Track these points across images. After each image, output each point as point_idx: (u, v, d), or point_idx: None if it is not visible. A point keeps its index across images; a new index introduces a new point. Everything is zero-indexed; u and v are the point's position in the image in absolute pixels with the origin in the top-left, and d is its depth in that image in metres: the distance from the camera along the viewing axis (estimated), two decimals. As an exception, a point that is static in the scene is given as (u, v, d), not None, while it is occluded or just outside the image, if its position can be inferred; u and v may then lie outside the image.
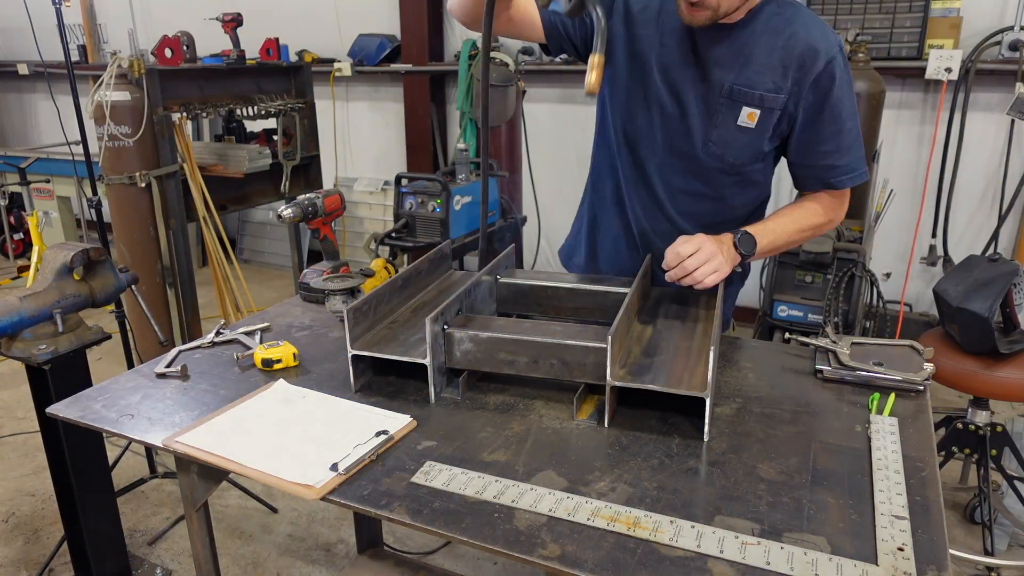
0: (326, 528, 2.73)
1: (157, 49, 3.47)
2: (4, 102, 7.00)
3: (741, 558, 0.94)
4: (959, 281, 2.31)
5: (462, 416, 1.32)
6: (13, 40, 6.37)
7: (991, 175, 3.72)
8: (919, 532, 0.98)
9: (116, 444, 2.96)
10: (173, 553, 2.61)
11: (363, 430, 1.24)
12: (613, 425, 1.27)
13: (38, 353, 1.94)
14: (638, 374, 1.27)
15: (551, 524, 1.02)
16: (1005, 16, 3.49)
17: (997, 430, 2.40)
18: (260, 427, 1.28)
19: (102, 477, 2.21)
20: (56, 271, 1.99)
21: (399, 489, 1.10)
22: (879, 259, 3.87)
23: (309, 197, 1.92)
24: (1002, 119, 3.58)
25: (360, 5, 5.07)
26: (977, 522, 2.55)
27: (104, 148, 3.33)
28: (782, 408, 1.32)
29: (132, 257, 3.47)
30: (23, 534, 2.71)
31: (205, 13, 4.20)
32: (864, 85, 3.28)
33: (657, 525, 1.00)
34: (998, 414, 2.85)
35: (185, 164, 3.58)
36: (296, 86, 4.22)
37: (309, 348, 1.62)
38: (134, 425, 1.31)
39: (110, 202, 3.42)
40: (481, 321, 1.46)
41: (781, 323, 2.88)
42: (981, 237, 3.79)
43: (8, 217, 5.74)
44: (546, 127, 4.64)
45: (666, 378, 1.25)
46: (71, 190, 4.74)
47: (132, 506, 2.85)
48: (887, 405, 1.31)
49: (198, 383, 1.47)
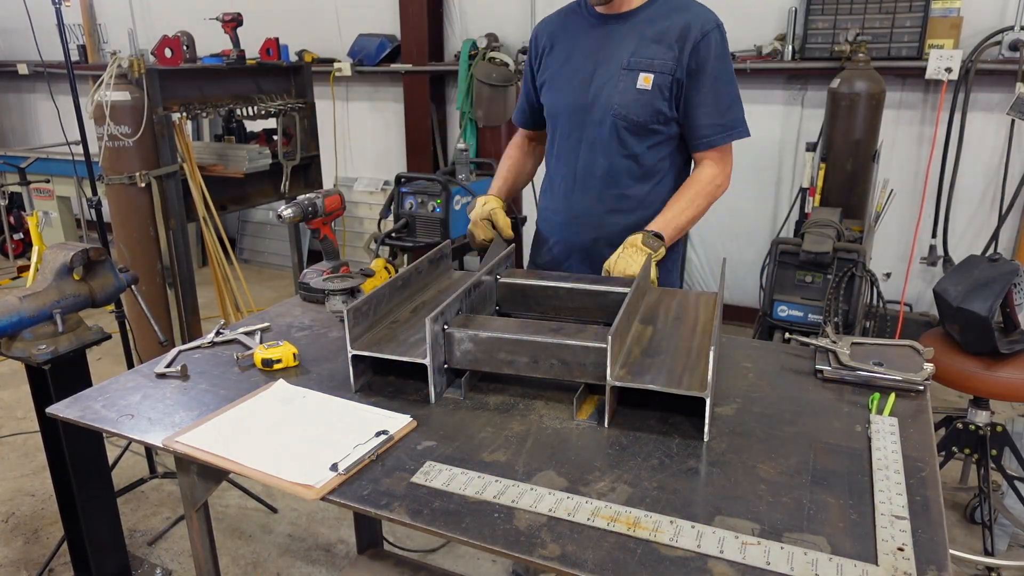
0: (326, 528, 2.73)
1: (157, 49, 3.47)
2: (4, 102, 7.00)
3: (741, 558, 0.94)
4: (959, 281, 2.31)
5: (462, 416, 1.32)
6: (13, 40, 6.37)
7: (991, 175, 3.72)
8: (919, 532, 0.98)
9: (116, 444, 2.96)
10: (173, 553, 2.61)
11: (363, 430, 1.24)
12: (613, 425, 1.27)
13: (38, 353, 1.94)
14: (638, 374, 1.27)
15: (551, 524, 1.02)
16: (1005, 16, 3.50)
17: (997, 430, 2.40)
18: (260, 427, 1.28)
19: (102, 477, 2.21)
20: (56, 271, 1.99)
21: (399, 489, 1.10)
22: (879, 259, 3.88)
23: (309, 197, 1.92)
24: (1002, 119, 3.58)
25: (360, 5, 5.07)
26: (977, 522, 2.55)
27: (104, 148, 3.33)
28: (782, 408, 1.32)
29: (132, 257, 3.47)
30: (23, 534, 2.71)
31: (205, 13, 4.20)
32: (864, 85, 3.29)
33: (657, 525, 1.00)
34: (998, 414, 2.85)
35: (185, 164, 3.58)
36: (296, 86, 4.22)
37: (309, 348, 1.62)
38: (134, 425, 1.31)
39: (110, 202, 3.42)
40: (481, 321, 1.46)
41: (781, 323, 2.88)
42: (981, 237, 3.79)
43: (8, 217, 5.74)
44: (546, 127, 4.63)
45: (666, 378, 1.25)
46: (71, 190, 4.74)
47: (132, 506, 2.85)
48: (887, 405, 1.31)
49: (198, 383, 1.47)
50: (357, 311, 1.39)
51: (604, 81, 1.86)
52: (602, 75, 1.87)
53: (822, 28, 3.76)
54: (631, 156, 1.88)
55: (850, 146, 3.35)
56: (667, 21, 1.81)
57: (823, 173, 3.42)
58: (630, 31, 1.84)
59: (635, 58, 1.82)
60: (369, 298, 1.45)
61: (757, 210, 4.29)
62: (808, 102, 4.01)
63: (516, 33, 4.66)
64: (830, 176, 3.41)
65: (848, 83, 3.31)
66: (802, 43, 3.82)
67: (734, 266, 4.22)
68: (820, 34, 3.77)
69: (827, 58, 3.74)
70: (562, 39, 1.96)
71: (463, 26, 4.88)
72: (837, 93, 3.34)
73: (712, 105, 1.82)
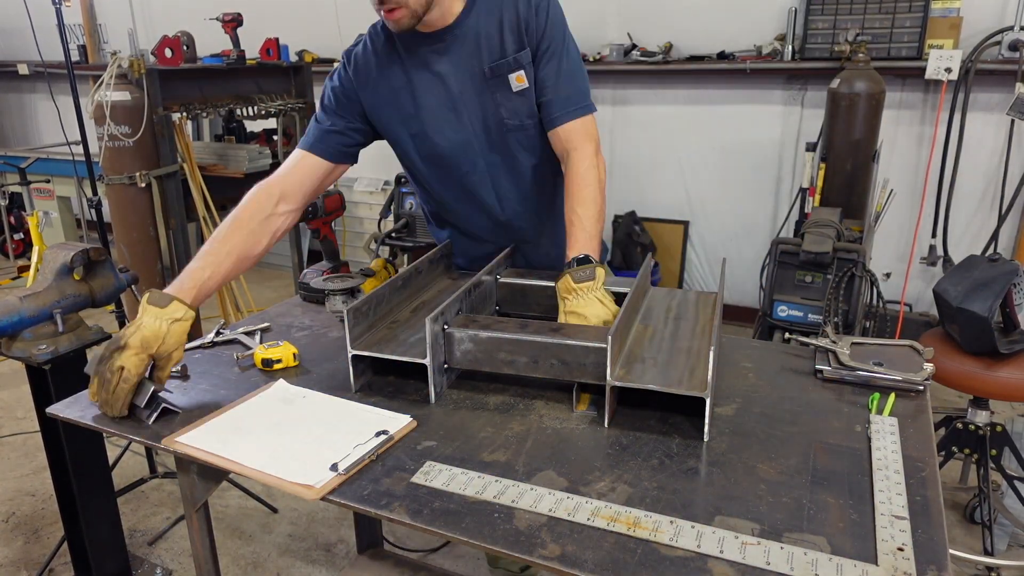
0: (326, 528, 2.73)
1: (157, 49, 3.47)
2: (4, 102, 7.00)
3: (741, 558, 0.94)
4: (959, 281, 2.31)
5: (462, 416, 1.32)
6: (13, 40, 6.36)
7: (991, 175, 3.72)
8: (919, 532, 0.98)
9: (116, 444, 2.96)
10: (173, 553, 2.61)
11: (363, 430, 1.24)
12: (613, 425, 1.27)
13: (38, 353, 1.94)
14: (638, 374, 1.27)
15: (551, 524, 1.02)
16: (1005, 16, 3.49)
17: (997, 430, 2.40)
18: (260, 427, 1.28)
19: (102, 477, 2.21)
20: (56, 271, 1.99)
21: (399, 489, 1.10)
22: (879, 259, 3.87)
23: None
24: (1002, 119, 3.57)
25: (360, 5, 5.03)
26: (977, 522, 2.55)
27: (104, 148, 3.33)
28: (782, 408, 1.32)
29: (132, 257, 3.47)
30: (23, 534, 2.71)
31: (205, 13, 4.19)
32: (864, 85, 3.29)
33: (657, 525, 1.00)
34: (998, 414, 2.85)
35: (185, 164, 3.58)
36: (296, 86, 4.22)
37: (309, 348, 1.62)
38: (134, 425, 1.31)
39: (110, 202, 3.42)
40: (481, 321, 1.46)
41: (781, 323, 2.88)
42: (981, 237, 3.79)
43: (8, 217, 5.74)
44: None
45: (666, 378, 1.25)
46: (71, 190, 4.74)
47: (132, 506, 2.85)
48: (887, 405, 1.31)
49: (198, 383, 1.47)
50: (357, 311, 1.39)
51: (474, 103, 1.67)
52: (467, 97, 1.66)
53: (822, 28, 3.76)
54: (540, 165, 1.76)
55: (850, 146, 3.35)
56: (498, 11, 1.63)
57: (823, 173, 3.42)
58: (465, 41, 1.63)
59: (493, 62, 1.63)
60: (369, 298, 1.45)
61: (757, 210, 4.29)
62: (808, 102, 4.01)
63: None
64: (830, 176, 3.41)
65: (848, 83, 3.31)
66: (802, 43, 3.82)
67: (734, 266, 4.22)
68: (820, 34, 3.77)
69: (827, 58, 3.74)
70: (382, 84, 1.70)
71: (463, 26, 4.87)
72: (837, 93, 3.34)
73: (552, 82, 1.64)
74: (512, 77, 1.63)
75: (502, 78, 1.64)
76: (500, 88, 1.65)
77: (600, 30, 4.42)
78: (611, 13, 4.40)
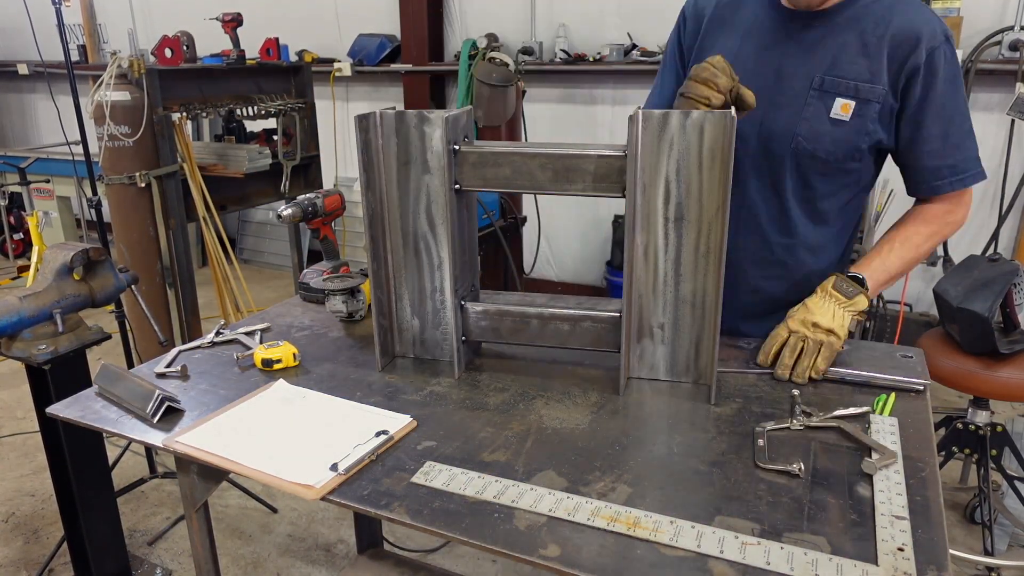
0: (326, 528, 2.73)
1: (157, 49, 3.47)
2: (4, 102, 7.00)
3: (741, 558, 0.94)
4: (959, 281, 2.31)
5: (462, 416, 1.32)
6: (13, 40, 6.37)
7: (991, 175, 3.69)
8: (919, 532, 0.98)
9: (116, 444, 2.96)
10: (173, 553, 2.61)
11: (363, 430, 1.24)
12: (613, 423, 1.27)
13: (38, 353, 1.94)
14: (649, 356, 1.29)
15: (551, 524, 1.02)
16: (1005, 16, 3.49)
17: (997, 430, 2.40)
18: (260, 427, 1.28)
19: (102, 477, 2.21)
20: (56, 271, 1.99)
21: (399, 489, 1.10)
22: (879, 259, 3.87)
23: (309, 197, 1.92)
24: (1002, 119, 3.57)
25: (360, 5, 5.07)
26: (977, 522, 2.55)
27: (104, 148, 3.33)
28: (782, 408, 1.32)
29: (132, 257, 3.46)
30: (23, 534, 2.71)
31: (205, 13, 4.19)
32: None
33: (657, 525, 1.00)
34: (998, 414, 2.85)
35: (185, 164, 3.58)
36: (296, 86, 4.22)
37: (309, 348, 1.62)
38: (134, 425, 1.31)
39: (110, 202, 3.42)
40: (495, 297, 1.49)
41: (781, 323, 2.87)
42: (981, 237, 3.79)
43: (8, 217, 5.74)
44: (546, 127, 4.63)
45: (673, 362, 1.25)
46: (71, 190, 4.74)
47: (132, 506, 2.85)
48: (887, 405, 1.31)
49: (198, 383, 1.47)
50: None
51: (786, 102, 1.46)
52: (786, 93, 1.46)
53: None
54: (809, 200, 1.53)
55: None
56: (878, 26, 1.40)
57: (823, 173, 3.42)
58: (827, 36, 1.42)
59: (831, 76, 1.42)
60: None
61: (757, 210, 4.29)
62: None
63: (516, 33, 4.66)
64: (830, 176, 3.41)
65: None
66: (802, 43, 3.81)
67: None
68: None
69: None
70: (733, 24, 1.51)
71: (463, 26, 4.88)
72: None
73: (938, 143, 1.44)
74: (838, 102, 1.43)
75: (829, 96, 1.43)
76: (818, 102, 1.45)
77: (600, 30, 4.42)
78: (611, 13, 4.40)
